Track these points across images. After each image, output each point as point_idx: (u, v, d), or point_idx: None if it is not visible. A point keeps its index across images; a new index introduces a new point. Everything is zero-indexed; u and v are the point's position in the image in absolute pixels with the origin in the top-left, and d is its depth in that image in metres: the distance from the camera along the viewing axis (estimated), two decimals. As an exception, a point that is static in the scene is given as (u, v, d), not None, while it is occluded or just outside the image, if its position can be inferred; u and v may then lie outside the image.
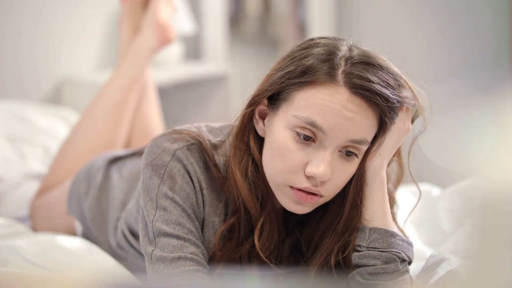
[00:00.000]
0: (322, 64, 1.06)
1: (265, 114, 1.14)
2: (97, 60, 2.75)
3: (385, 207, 1.14)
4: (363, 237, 1.12)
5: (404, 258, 1.12)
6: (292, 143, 1.08)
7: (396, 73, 1.09)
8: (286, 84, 1.08)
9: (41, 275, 1.02)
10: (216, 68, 3.03)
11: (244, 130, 1.15)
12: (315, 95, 1.06)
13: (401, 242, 1.12)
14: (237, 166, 1.14)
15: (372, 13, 3.04)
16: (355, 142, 1.07)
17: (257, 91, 1.13)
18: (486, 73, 2.64)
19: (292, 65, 1.09)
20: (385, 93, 1.05)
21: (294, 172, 1.08)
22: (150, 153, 1.17)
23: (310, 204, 1.11)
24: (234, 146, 1.15)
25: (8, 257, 1.36)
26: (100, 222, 1.49)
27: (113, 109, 1.81)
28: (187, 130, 1.19)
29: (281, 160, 1.09)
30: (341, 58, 1.07)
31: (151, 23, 1.87)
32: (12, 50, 2.48)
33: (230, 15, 3.36)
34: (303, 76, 1.07)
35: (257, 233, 1.16)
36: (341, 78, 1.05)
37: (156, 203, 1.13)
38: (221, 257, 1.18)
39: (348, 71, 1.05)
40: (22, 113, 2.18)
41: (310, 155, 1.07)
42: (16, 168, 1.96)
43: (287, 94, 1.09)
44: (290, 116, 1.08)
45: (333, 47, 1.08)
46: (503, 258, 0.56)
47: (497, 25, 2.63)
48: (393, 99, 1.06)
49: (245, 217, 1.17)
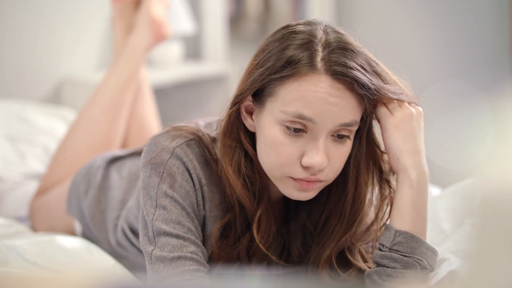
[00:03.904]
0: (300, 54, 1.06)
1: (252, 109, 1.14)
2: (97, 60, 2.74)
3: (415, 210, 1.11)
4: (388, 237, 1.11)
5: (425, 267, 1.10)
6: (283, 137, 1.08)
7: (372, 59, 1.09)
8: (267, 81, 1.08)
9: (41, 275, 1.02)
10: (216, 68, 3.02)
11: (232, 128, 1.15)
12: (298, 88, 1.06)
13: (425, 250, 1.11)
14: (229, 164, 1.14)
15: (372, 13, 3.04)
16: (345, 126, 1.07)
17: (239, 90, 1.13)
18: (486, 73, 2.64)
19: (271, 59, 1.08)
20: (362, 79, 1.05)
21: (291, 164, 1.09)
22: (149, 152, 1.17)
23: (314, 189, 1.11)
24: (223, 144, 1.15)
25: (8, 257, 1.36)
26: (99, 221, 1.49)
27: (110, 108, 1.81)
28: (185, 126, 1.19)
29: (276, 154, 1.09)
30: (318, 44, 1.07)
31: (145, 20, 1.87)
32: (12, 50, 2.48)
33: (230, 15, 3.36)
34: (283, 70, 1.06)
35: (255, 226, 1.16)
36: (321, 66, 1.05)
37: (156, 202, 1.13)
38: (219, 255, 1.18)
39: (327, 58, 1.05)
40: (22, 113, 2.18)
41: (304, 146, 1.08)
42: (16, 168, 1.96)
43: (270, 90, 1.08)
44: (277, 111, 1.08)
45: (308, 35, 1.08)
46: (503, 258, 0.56)
47: (497, 25, 2.63)
48: (369, 85, 1.06)
49: (241, 214, 1.17)
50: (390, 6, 2.98)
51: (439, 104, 2.39)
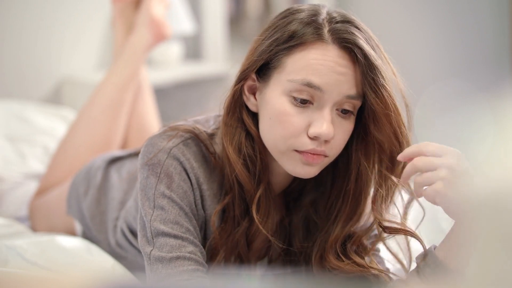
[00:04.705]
0: (307, 26, 1.09)
1: (255, 88, 1.15)
2: (97, 60, 2.75)
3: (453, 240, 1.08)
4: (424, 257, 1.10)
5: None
6: (290, 107, 1.09)
7: (374, 38, 1.11)
8: (275, 52, 1.10)
9: (41, 275, 1.02)
10: (216, 68, 3.02)
11: (235, 107, 1.16)
12: (306, 56, 1.07)
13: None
14: (230, 143, 1.15)
15: (372, 14, 3.04)
16: (350, 98, 1.09)
17: (246, 64, 1.14)
18: (486, 73, 2.64)
19: (277, 33, 1.11)
20: (368, 50, 1.07)
21: (297, 135, 1.09)
22: (146, 153, 1.17)
23: (318, 165, 1.11)
24: (225, 123, 1.16)
25: (8, 257, 1.36)
26: (99, 222, 1.49)
27: (110, 108, 1.81)
28: (181, 125, 1.19)
29: (282, 126, 1.09)
30: (324, 19, 1.10)
31: (145, 20, 1.87)
32: (12, 50, 2.48)
33: (230, 15, 3.36)
34: (291, 40, 1.09)
35: (254, 207, 1.16)
36: (328, 36, 1.08)
37: (154, 203, 1.13)
38: (220, 240, 1.18)
39: (333, 29, 1.08)
40: (22, 113, 2.18)
41: (310, 117, 1.09)
42: (16, 168, 1.96)
43: (277, 62, 1.10)
44: (284, 81, 1.09)
45: (313, 11, 1.11)
46: (503, 258, 0.56)
47: (497, 25, 2.63)
48: (374, 58, 1.08)
49: (239, 196, 1.17)
50: (390, 6, 2.98)
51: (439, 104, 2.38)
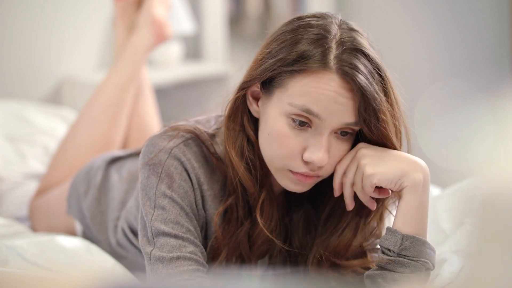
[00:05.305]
0: (314, 50, 1.06)
1: (258, 94, 1.14)
2: (97, 60, 2.74)
3: (420, 212, 1.11)
4: (395, 242, 1.10)
5: (430, 268, 1.11)
6: (288, 129, 1.09)
7: (381, 67, 1.08)
8: (278, 72, 1.08)
9: (41, 275, 1.02)
10: (216, 68, 3.02)
11: (236, 112, 1.16)
12: (309, 84, 1.06)
13: (429, 250, 1.11)
14: (232, 146, 1.15)
15: (372, 14, 3.04)
16: (350, 125, 1.08)
17: (248, 77, 1.13)
18: (486, 73, 2.64)
19: (283, 51, 1.09)
20: (366, 87, 1.05)
21: (292, 157, 1.09)
22: (146, 153, 1.17)
23: (309, 183, 1.13)
24: (227, 127, 1.15)
25: (8, 257, 1.36)
26: (99, 222, 1.49)
27: (110, 108, 1.81)
28: (182, 125, 1.19)
29: (278, 146, 1.09)
30: (332, 41, 1.07)
31: (146, 21, 1.87)
32: (12, 50, 2.48)
33: (230, 15, 3.36)
34: (295, 64, 1.07)
35: (258, 211, 1.16)
36: (334, 64, 1.06)
37: (155, 202, 1.13)
38: (223, 240, 1.18)
39: (339, 58, 1.06)
40: (22, 113, 2.18)
41: (307, 141, 1.08)
42: (16, 168, 1.96)
43: (280, 81, 1.09)
44: (285, 103, 1.08)
45: (323, 30, 1.08)
46: (503, 258, 0.56)
47: (497, 25, 2.63)
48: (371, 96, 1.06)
49: (243, 197, 1.17)
50: (390, 6, 2.98)
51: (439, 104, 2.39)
